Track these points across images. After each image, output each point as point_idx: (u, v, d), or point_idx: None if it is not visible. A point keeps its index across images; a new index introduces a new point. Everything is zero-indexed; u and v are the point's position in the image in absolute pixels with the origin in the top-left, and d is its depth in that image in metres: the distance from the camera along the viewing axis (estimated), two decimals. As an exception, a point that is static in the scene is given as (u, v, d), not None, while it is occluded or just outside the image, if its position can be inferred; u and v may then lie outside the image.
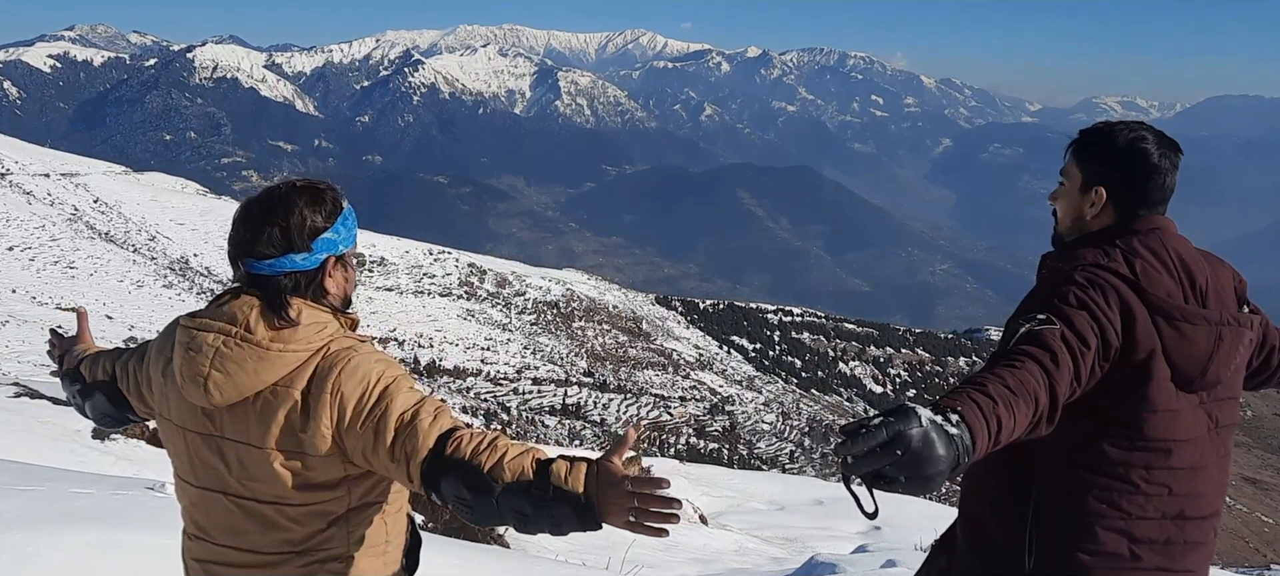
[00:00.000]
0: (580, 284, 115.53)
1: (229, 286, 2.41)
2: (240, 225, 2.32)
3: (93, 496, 6.46)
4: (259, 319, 2.29)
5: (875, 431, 1.86)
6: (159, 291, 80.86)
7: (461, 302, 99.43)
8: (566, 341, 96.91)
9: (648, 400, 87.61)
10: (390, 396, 2.22)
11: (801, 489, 18.85)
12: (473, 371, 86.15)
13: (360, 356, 2.28)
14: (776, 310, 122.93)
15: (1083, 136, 2.68)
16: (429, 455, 2.12)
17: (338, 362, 2.27)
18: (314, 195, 2.34)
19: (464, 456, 2.08)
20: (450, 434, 2.14)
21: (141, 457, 10.49)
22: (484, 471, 2.04)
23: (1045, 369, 2.26)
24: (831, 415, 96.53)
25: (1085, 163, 2.64)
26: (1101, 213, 2.63)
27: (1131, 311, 2.41)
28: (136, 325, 69.56)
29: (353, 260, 2.42)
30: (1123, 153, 2.59)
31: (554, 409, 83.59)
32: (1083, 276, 2.44)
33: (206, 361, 2.28)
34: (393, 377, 2.26)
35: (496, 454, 2.06)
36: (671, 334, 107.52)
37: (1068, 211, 2.69)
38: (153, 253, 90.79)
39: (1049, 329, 2.32)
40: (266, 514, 2.32)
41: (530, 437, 65.12)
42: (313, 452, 2.26)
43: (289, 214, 2.30)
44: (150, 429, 11.19)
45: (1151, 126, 2.67)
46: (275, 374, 2.27)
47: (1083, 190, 2.64)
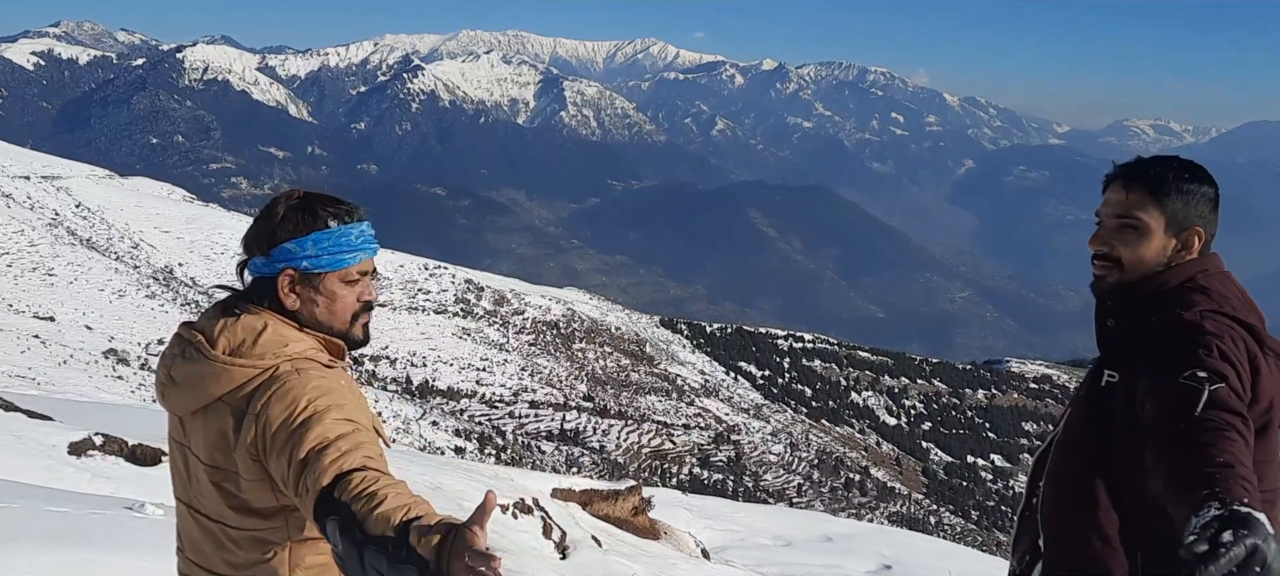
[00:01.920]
0: (582, 304, 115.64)
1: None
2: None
3: (69, 515, 6.50)
4: (225, 329, 2.33)
5: (1231, 550, 1.75)
6: (141, 302, 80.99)
7: (457, 321, 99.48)
8: (566, 364, 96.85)
9: (650, 427, 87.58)
10: (310, 425, 2.18)
11: (810, 524, 18.86)
12: (467, 393, 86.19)
13: (300, 379, 2.26)
14: (787, 336, 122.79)
15: (1158, 174, 2.59)
16: (321, 492, 2.06)
17: (274, 383, 2.26)
18: (301, 205, 2.39)
19: (346, 499, 2.01)
20: (349, 474, 2.07)
21: (120, 475, 10.51)
22: (356, 518, 1.97)
23: (1242, 434, 2.21)
24: (842, 447, 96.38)
25: (1173, 203, 2.57)
26: (1190, 254, 2.60)
27: (1255, 360, 2.39)
28: (117, 336, 69.72)
29: (336, 287, 2.40)
30: (1215, 193, 2.58)
31: (551, 434, 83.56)
32: (1212, 326, 2.40)
33: (167, 367, 2.40)
34: (325, 406, 2.21)
35: (372, 503, 1.98)
36: (676, 358, 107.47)
37: (1152, 257, 2.59)
38: (136, 261, 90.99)
39: (1221, 388, 2.26)
40: (215, 532, 2.36)
41: (526, 464, 65.06)
42: (242, 474, 2.27)
43: (267, 215, 2.39)
44: (129, 444, 11.23)
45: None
46: (221, 387, 2.29)
47: (1170, 232, 2.58)
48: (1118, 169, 2.68)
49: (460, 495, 14.80)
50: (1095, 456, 2.51)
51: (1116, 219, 2.62)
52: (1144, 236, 2.59)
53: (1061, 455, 2.61)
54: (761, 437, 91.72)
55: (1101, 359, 2.63)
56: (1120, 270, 2.62)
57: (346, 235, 2.40)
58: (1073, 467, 2.57)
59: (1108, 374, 2.52)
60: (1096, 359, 2.68)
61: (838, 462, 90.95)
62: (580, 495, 19.98)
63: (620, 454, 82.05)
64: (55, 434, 11.22)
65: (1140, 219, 2.59)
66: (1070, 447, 2.59)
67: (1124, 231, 2.61)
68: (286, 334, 2.35)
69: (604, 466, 77.11)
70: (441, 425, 74.50)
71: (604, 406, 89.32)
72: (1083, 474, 2.53)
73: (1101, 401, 2.52)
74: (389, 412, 69.74)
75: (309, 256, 2.37)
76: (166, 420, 2.49)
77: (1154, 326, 2.52)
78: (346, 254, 2.40)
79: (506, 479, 19.34)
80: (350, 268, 2.42)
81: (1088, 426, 2.54)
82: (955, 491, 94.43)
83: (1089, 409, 2.56)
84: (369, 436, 2.22)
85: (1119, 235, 2.61)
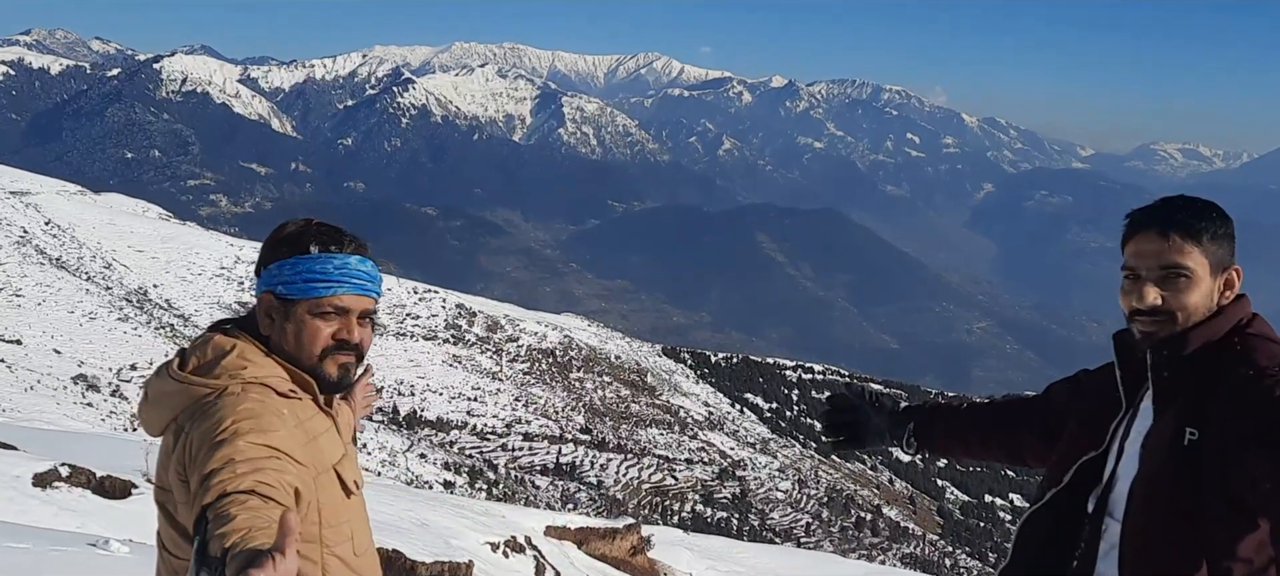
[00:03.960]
0: (580, 331, 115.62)
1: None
2: None
3: (30, 551, 6.46)
4: (198, 348, 2.41)
5: None
6: (113, 324, 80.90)
7: (448, 347, 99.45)
8: (562, 394, 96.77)
9: (650, 462, 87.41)
10: (222, 445, 2.18)
11: (818, 566, 18.81)
12: (457, 424, 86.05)
13: (233, 401, 2.28)
14: (795, 366, 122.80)
15: (1193, 217, 2.58)
16: (200, 511, 2.06)
17: (208, 404, 2.29)
18: (298, 229, 2.48)
19: (211, 519, 2.01)
20: (230, 495, 2.07)
21: (87, 509, 10.46)
22: (206, 543, 1.97)
23: None
24: (853, 485, 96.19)
25: (1211, 245, 2.57)
26: (1234, 294, 2.63)
27: None
28: (87, 361, 69.60)
29: (304, 316, 2.42)
30: (1234, 228, 2.62)
31: (546, 468, 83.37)
32: None
33: (146, 386, 2.46)
34: (247, 428, 2.22)
35: (221, 524, 1.98)
36: (679, 389, 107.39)
37: (1203, 303, 2.60)
38: (108, 282, 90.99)
39: None
40: (169, 561, 2.40)
41: (519, 500, 64.89)
42: (176, 495, 2.31)
43: (269, 236, 2.49)
44: (97, 476, 11.18)
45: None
46: (177, 405, 2.35)
47: (1214, 275, 2.59)
48: (1143, 215, 2.64)
49: (448, 532, 14.74)
50: (1184, 513, 2.51)
51: (1162, 269, 2.59)
52: (1194, 283, 2.58)
53: (1145, 512, 2.59)
54: (768, 473, 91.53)
55: (1171, 409, 2.59)
56: (1173, 322, 2.61)
57: (321, 263, 2.42)
58: (1159, 524, 2.55)
59: (1189, 432, 2.50)
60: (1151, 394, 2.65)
61: (848, 501, 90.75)
62: (576, 533, 19.94)
63: (619, 490, 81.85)
64: (19, 464, 11.16)
65: (1187, 266, 2.57)
66: (1155, 503, 2.57)
67: (1172, 280, 2.59)
68: (251, 358, 2.37)
69: (601, 503, 76.90)
70: (430, 458, 74.29)
71: (602, 439, 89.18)
72: (1171, 528, 2.53)
73: (1187, 459, 2.51)
74: (374, 444, 69.50)
75: (284, 282, 2.42)
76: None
77: (1241, 389, 2.51)
78: (318, 283, 2.41)
79: (498, 515, 19.29)
80: (322, 298, 2.42)
81: (1174, 483, 2.53)
82: (972, 532, 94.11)
83: (1172, 465, 2.54)
84: (282, 465, 2.21)
85: (1167, 285, 2.60)
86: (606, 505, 75.88)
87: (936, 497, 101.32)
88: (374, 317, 2.57)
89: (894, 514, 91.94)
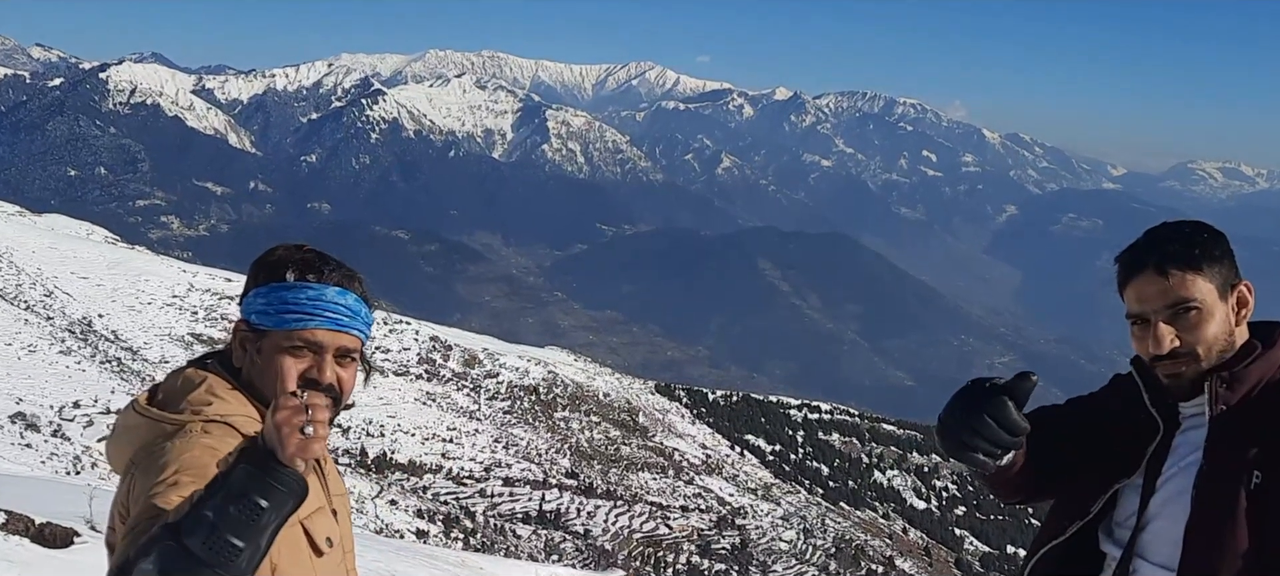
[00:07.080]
0: (565, 366, 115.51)
1: None
2: None
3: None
4: (169, 382, 2.44)
5: None
6: (55, 358, 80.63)
7: (421, 384, 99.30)
8: (546, 435, 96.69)
9: (642, 509, 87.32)
10: (150, 480, 2.18)
11: (825, 624, 18.78)
12: (431, 467, 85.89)
13: (188, 442, 2.26)
14: (801, 405, 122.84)
15: (1185, 246, 2.63)
16: (119, 550, 2.05)
17: (159, 445, 2.27)
18: (282, 254, 2.52)
19: (130, 560, 1.98)
20: (138, 526, 2.06)
21: (25, 558, 10.44)
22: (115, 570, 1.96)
23: None
24: (863, 534, 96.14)
25: (1211, 268, 2.63)
26: (1247, 310, 2.69)
27: None
28: (25, 398, 69.34)
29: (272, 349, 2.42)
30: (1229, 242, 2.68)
31: (528, 516, 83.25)
32: None
33: (116, 422, 2.47)
34: (176, 481, 2.17)
35: (143, 531, 1.99)
36: (674, 430, 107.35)
37: (1221, 330, 2.65)
38: (49, 311, 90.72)
39: None
40: None
41: (498, 551, 64.78)
42: (120, 536, 2.25)
43: (256, 260, 2.53)
44: (36, 523, 11.16)
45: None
46: (136, 442, 2.34)
47: (1224, 298, 2.65)
48: (1134, 257, 2.69)
49: (421, 585, 14.71)
50: (1251, 563, 2.51)
51: (1169, 309, 2.63)
52: (1207, 314, 2.63)
53: (1207, 560, 2.56)
54: (771, 522, 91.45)
55: (1231, 451, 2.59)
56: (1197, 360, 2.65)
57: (295, 293, 2.41)
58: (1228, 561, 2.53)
59: (1256, 475, 2.52)
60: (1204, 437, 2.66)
61: (858, 551, 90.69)
62: (560, 587, 19.93)
63: (608, 540, 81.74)
64: (-49, 509, 11.15)
65: (1195, 298, 2.62)
66: (1222, 552, 2.54)
67: (1183, 317, 2.63)
68: (219, 393, 2.37)
69: (589, 554, 76.83)
70: (401, 504, 74.21)
71: (590, 485, 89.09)
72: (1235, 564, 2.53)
73: (1254, 504, 2.52)
74: (340, 489, 69.32)
75: (258, 310, 2.43)
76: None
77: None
78: (289, 313, 2.40)
79: (475, 568, 19.27)
80: (293, 331, 2.40)
81: (1243, 530, 2.52)
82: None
83: (1237, 511, 2.54)
84: (182, 492, 2.16)
85: (1179, 322, 2.63)
86: (594, 556, 75.80)
87: (954, 548, 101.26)
88: (356, 357, 2.58)
89: (908, 566, 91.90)
